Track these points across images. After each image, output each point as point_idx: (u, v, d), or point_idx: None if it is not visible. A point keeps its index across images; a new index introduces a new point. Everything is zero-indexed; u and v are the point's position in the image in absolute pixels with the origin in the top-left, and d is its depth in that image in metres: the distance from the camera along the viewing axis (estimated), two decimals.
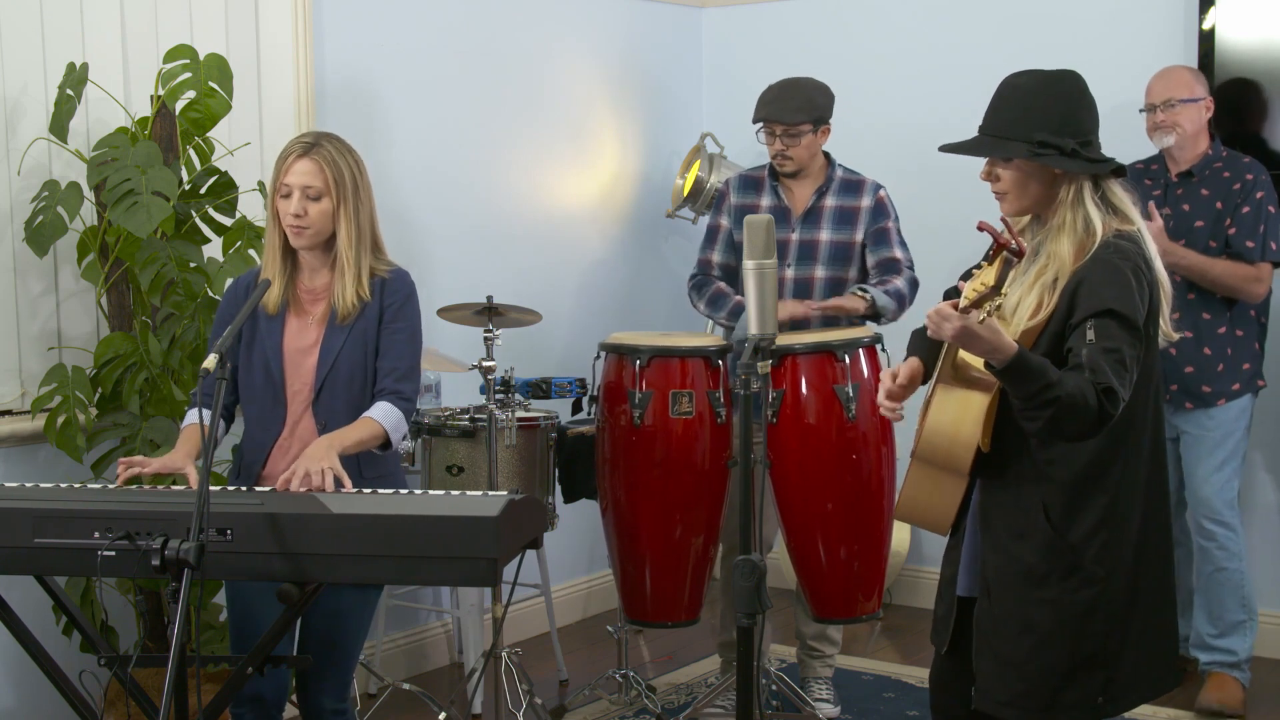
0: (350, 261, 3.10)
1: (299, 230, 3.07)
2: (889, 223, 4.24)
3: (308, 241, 3.10)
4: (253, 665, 2.78)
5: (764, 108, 4.22)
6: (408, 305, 3.17)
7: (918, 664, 4.75)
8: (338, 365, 3.10)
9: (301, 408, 3.12)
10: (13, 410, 3.74)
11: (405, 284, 3.18)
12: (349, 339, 3.10)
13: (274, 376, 3.12)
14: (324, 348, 3.11)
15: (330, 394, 3.10)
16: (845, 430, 3.91)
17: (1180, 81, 4.34)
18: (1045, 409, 2.48)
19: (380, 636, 4.59)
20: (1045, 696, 2.69)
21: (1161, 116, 4.33)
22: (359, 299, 3.11)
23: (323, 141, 3.09)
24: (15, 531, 2.66)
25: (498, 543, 2.57)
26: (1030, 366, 2.49)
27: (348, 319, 3.11)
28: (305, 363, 3.12)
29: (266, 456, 3.13)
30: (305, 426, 3.12)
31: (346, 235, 3.09)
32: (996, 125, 2.72)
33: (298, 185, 3.06)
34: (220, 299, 3.36)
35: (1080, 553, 2.66)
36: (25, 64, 3.74)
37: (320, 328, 3.13)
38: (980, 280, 2.53)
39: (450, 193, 4.87)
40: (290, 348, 3.13)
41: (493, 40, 4.98)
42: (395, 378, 3.13)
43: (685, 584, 4.04)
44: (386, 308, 3.14)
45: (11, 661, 3.57)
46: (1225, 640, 4.39)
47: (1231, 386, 4.32)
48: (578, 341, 5.22)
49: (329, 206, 3.08)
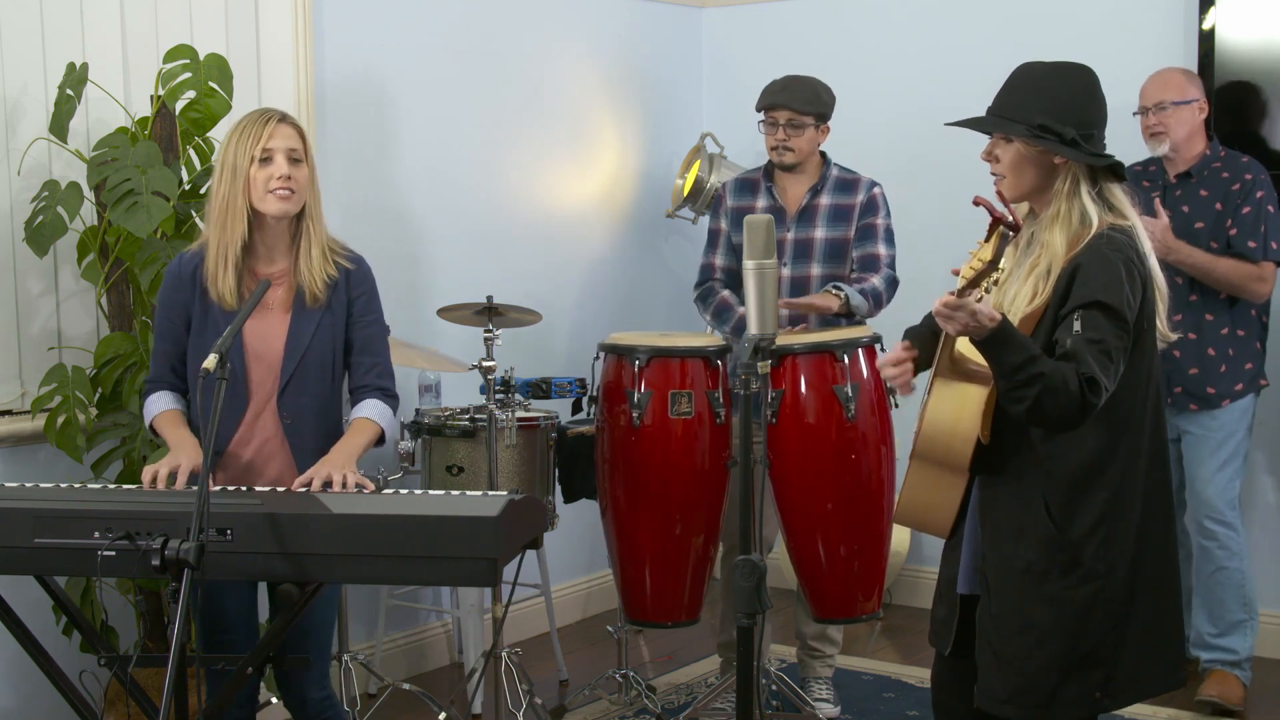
0: (317, 233, 3.07)
1: (288, 194, 3.00)
2: (877, 219, 4.24)
3: (293, 206, 3.02)
4: (253, 665, 2.79)
5: (770, 95, 4.23)
6: (374, 297, 3.17)
7: (918, 664, 4.75)
8: (306, 359, 3.06)
9: (264, 400, 3.07)
10: (13, 410, 3.74)
11: (369, 274, 3.17)
12: (318, 331, 3.06)
13: (234, 369, 3.01)
14: (291, 341, 3.06)
15: (298, 388, 3.06)
16: (845, 430, 3.91)
17: (1172, 84, 4.34)
18: (1030, 386, 2.50)
19: (380, 636, 4.59)
20: (1044, 693, 2.70)
21: (1153, 119, 4.33)
22: (327, 277, 3.07)
23: (287, 112, 3.09)
24: (15, 531, 2.66)
25: (498, 543, 2.57)
26: (1015, 337, 2.52)
27: (316, 302, 3.06)
28: (269, 354, 3.06)
29: (228, 444, 3.07)
30: (267, 420, 3.07)
31: (316, 208, 3.08)
32: (1002, 106, 2.75)
33: (282, 149, 3.00)
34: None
35: (1080, 549, 2.67)
36: (25, 64, 3.74)
37: (284, 316, 3.07)
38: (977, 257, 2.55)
39: (450, 193, 4.87)
40: (251, 338, 3.06)
41: (493, 40, 4.98)
42: (378, 373, 3.13)
43: (685, 584, 4.04)
44: (355, 299, 3.11)
45: (11, 661, 3.57)
46: (1226, 639, 4.39)
47: (1235, 387, 4.33)
48: (577, 341, 5.22)
49: (308, 173, 3.05)
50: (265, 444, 3.08)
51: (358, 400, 3.12)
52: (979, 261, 2.47)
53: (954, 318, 2.48)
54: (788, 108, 4.19)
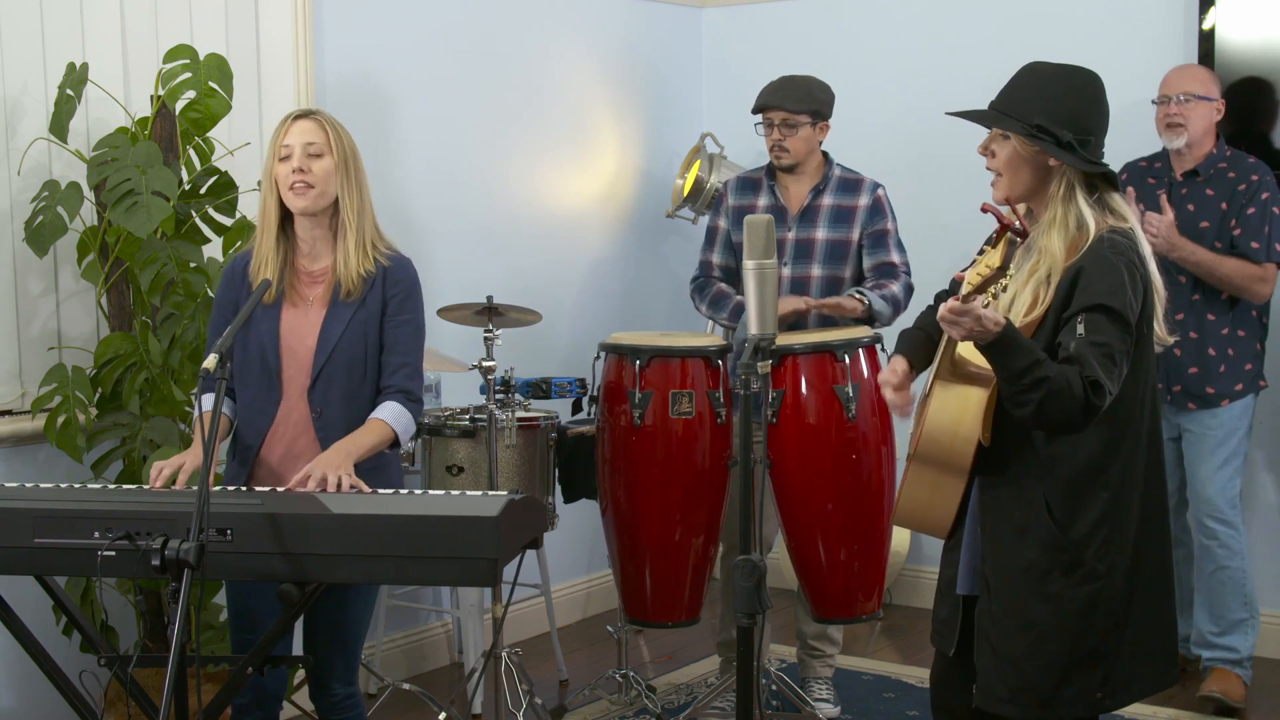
0: (353, 227, 3.05)
1: (303, 188, 3.01)
2: (887, 224, 4.24)
3: (310, 202, 3.02)
4: (253, 665, 2.78)
5: (764, 97, 4.24)
6: (411, 297, 3.13)
7: (918, 664, 4.75)
8: (336, 354, 3.06)
9: (297, 395, 3.08)
10: (13, 410, 3.74)
11: (408, 273, 3.14)
12: (349, 327, 3.06)
13: (269, 363, 3.07)
14: (323, 334, 3.07)
15: (327, 382, 3.06)
16: (845, 430, 3.91)
17: (1197, 78, 4.35)
18: (1034, 390, 2.50)
19: (380, 636, 4.59)
20: (1044, 692, 2.70)
21: (1174, 109, 4.31)
22: (364, 272, 3.06)
23: (320, 110, 3.09)
24: (15, 531, 2.66)
25: (498, 543, 2.57)
26: (1019, 341, 2.52)
27: (350, 296, 3.06)
28: (302, 349, 3.08)
29: (260, 443, 3.10)
30: (300, 414, 3.08)
31: (350, 202, 3.06)
32: (1003, 102, 2.75)
33: (299, 143, 3.01)
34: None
35: (1081, 549, 2.67)
36: (25, 64, 3.74)
37: (320, 311, 3.08)
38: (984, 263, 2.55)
39: (451, 192, 4.87)
40: (287, 333, 3.09)
41: (493, 40, 4.98)
42: (405, 375, 3.10)
43: (685, 584, 4.04)
44: (390, 298, 3.09)
45: (11, 661, 3.57)
46: (1227, 638, 4.39)
47: (1234, 387, 4.33)
48: (578, 341, 5.22)
49: (330, 165, 3.03)
50: (296, 441, 3.07)
51: (380, 401, 3.10)
52: (985, 267, 2.46)
53: (959, 323, 2.48)
54: (780, 108, 4.19)
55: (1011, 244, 2.44)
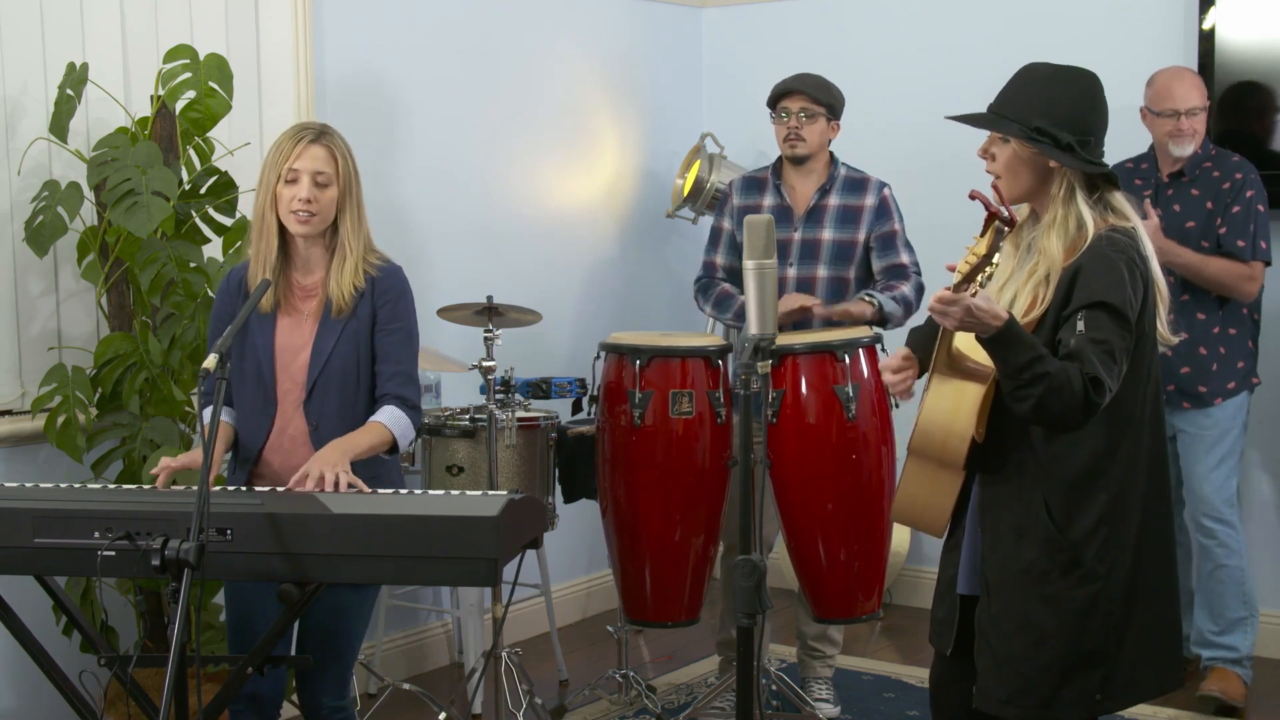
0: (352, 250, 3.06)
1: (307, 217, 3.02)
2: (894, 225, 4.24)
3: (312, 229, 3.04)
4: (253, 665, 2.78)
5: (784, 83, 4.25)
6: (401, 303, 3.13)
7: (918, 664, 4.75)
8: (330, 365, 3.06)
9: (292, 407, 3.09)
10: (13, 410, 3.75)
11: (397, 280, 3.13)
12: (341, 338, 3.07)
13: (264, 376, 3.08)
14: (316, 346, 3.08)
15: (322, 394, 3.07)
16: (845, 430, 3.91)
17: (1199, 89, 4.36)
18: (1035, 385, 2.50)
19: (380, 636, 4.59)
20: (1044, 693, 2.70)
21: (1185, 123, 4.31)
22: (354, 289, 3.07)
23: (330, 130, 3.08)
24: (15, 531, 2.66)
25: (498, 543, 2.57)
26: (1021, 336, 2.52)
27: (342, 313, 3.07)
28: (296, 362, 3.09)
29: (258, 455, 3.11)
30: (296, 426, 3.09)
31: (351, 225, 3.07)
32: (1002, 104, 2.75)
33: (308, 170, 3.00)
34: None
35: (1081, 550, 2.67)
36: (25, 64, 3.74)
37: (313, 324, 3.09)
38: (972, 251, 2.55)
39: (450, 192, 4.87)
40: (281, 346, 3.10)
41: (492, 40, 4.98)
42: (399, 382, 3.10)
43: (685, 584, 4.04)
44: (380, 307, 3.09)
45: (11, 661, 3.57)
46: (1227, 637, 4.39)
47: (1227, 385, 4.33)
48: (578, 341, 5.22)
49: (335, 195, 3.04)
50: (294, 454, 3.08)
51: (378, 408, 3.10)
52: (974, 256, 2.47)
53: (949, 313, 2.49)
54: (803, 94, 4.20)
55: (999, 232, 2.44)
